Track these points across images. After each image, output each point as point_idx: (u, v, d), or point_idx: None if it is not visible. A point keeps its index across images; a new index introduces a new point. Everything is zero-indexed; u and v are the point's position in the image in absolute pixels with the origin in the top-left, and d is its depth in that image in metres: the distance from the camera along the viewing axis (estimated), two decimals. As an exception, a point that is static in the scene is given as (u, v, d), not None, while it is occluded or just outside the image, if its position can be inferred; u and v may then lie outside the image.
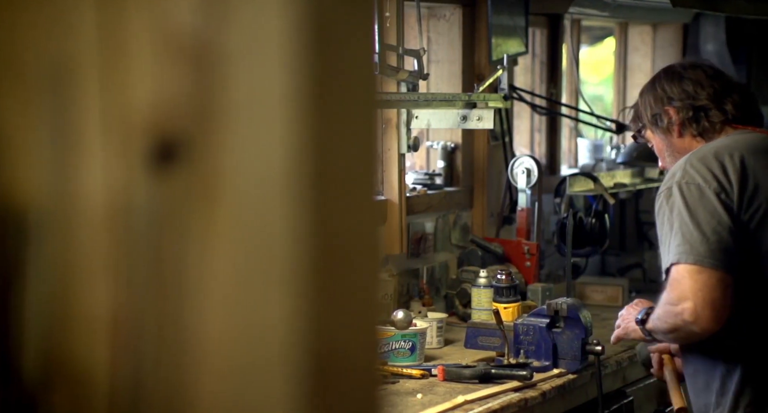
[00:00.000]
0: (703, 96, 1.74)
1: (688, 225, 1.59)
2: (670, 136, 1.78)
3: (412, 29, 2.42)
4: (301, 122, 0.44)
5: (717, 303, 1.54)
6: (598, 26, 3.71)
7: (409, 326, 2.03)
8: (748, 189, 1.62)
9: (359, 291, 0.49)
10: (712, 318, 1.55)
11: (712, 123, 1.74)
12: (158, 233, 0.45)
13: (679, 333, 1.62)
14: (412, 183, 2.65)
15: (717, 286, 1.55)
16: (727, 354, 1.65)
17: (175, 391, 0.45)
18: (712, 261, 1.56)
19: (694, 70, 1.78)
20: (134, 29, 0.45)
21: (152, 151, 0.45)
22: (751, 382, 1.63)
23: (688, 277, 1.57)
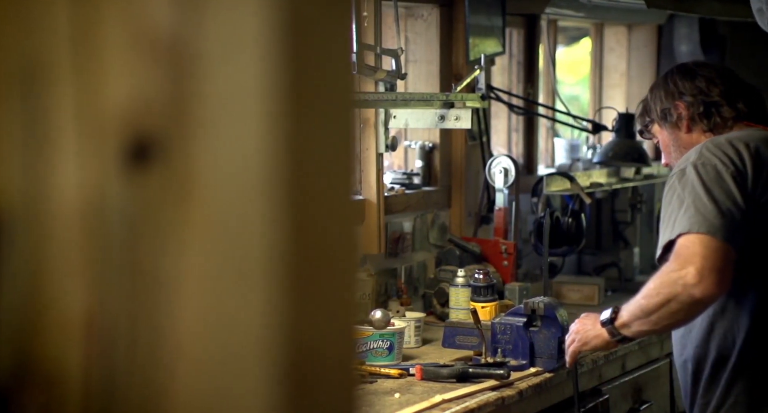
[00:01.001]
0: (715, 93, 1.76)
1: (702, 199, 1.59)
2: (678, 131, 1.79)
3: (389, 29, 2.42)
4: (278, 121, 0.44)
5: (723, 272, 1.53)
6: (574, 27, 3.73)
7: (387, 325, 2.03)
8: (763, 174, 1.63)
9: (337, 291, 0.49)
10: (716, 283, 1.52)
11: (723, 118, 1.76)
12: (133, 233, 0.45)
13: (672, 304, 1.56)
14: (390, 182, 2.65)
15: (725, 258, 1.54)
16: (720, 341, 1.66)
17: (150, 392, 0.45)
18: (724, 234, 1.55)
19: (707, 68, 1.82)
20: (108, 27, 0.45)
21: (127, 150, 0.45)
22: (744, 370, 1.64)
23: (699, 244, 1.55)
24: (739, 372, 1.64)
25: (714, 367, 1.67)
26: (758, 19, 2.27)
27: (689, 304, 1.56)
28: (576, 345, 1.80)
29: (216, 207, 0.44)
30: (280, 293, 0.45)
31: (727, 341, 1.65)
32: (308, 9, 0.46)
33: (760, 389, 1.63)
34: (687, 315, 1.60)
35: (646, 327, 1.66)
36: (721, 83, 1.78)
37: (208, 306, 0.45)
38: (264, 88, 0.44)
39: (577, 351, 1.81)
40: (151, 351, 0.45)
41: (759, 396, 1.63)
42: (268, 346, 0.44)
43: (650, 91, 1.86)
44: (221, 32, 0.44)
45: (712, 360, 1.67)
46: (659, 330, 1.72)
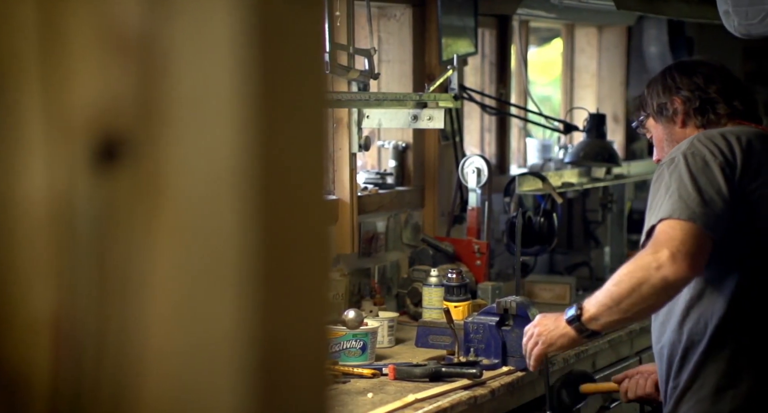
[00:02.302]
0: (713, 89, 1.79)
1: (687, 187, 1.61)
2: (673, 125, 1.81)
3: (362, 29, 2.42)
4: (249, 120, 0.44)
5: (696, 258, 1.55)
6: (545, 28, 3.76)
7: (360, 325, 2.03)
8: (753, 165, 1.65)
9: (309, 291, 0.49)
10: (688, 267, 1.54)
11: (718, 115, 1.78)
12: (101, 234, 0.44)
13: (644, 288, 1.57)
14: (364, 182, 2.65)
15: (702, 244, 1.56)
16: (693, 326, 1.68)
17: (119, 394, 0.44)
18: (705, 221, 1.57)
19: (705, 66, 1.84)
20: (76, 25, 0.44)
21: (95, 150, 0.44)
22: (713, 355, 1.66)
23: (677, 229, 1.57)
24: (709, 356, 1.66)
25: (685, 351, 1.69)
26: (724, 21, 2.31)
27: (661, 288, 1.56)
28: (540, 348, 1.78)
29: (186, 208, 0.44)
30: (251, 293, 0.44)
31: (699, 325, 1.67)
32: (280, 8, 0.46)
33: (727, 373, 1.65)
34: (658, 299, 1.59)
35: (615, 316, 1.65)
36: (719, 81, 1.80)
37: (177, 306, 0.44)
38: (234, 88, 0.44)
39: (542, 355, 1.79)
40: (119, 352, 0.44)
41: (725, 379, 1.65)
42: (239, 346, 0.44)
43: (647, 86, 1.88)
44: (191, 31, 0.44)
45: (684, 344, 1.69)
46: (629, 319, 1.68)
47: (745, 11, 2.24)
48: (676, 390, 1.71)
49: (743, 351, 1.65)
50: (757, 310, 1.65)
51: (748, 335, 1.65)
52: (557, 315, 1.76)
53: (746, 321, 1.65)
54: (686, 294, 1.69)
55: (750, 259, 1.65)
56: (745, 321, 1.65)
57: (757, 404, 1.64)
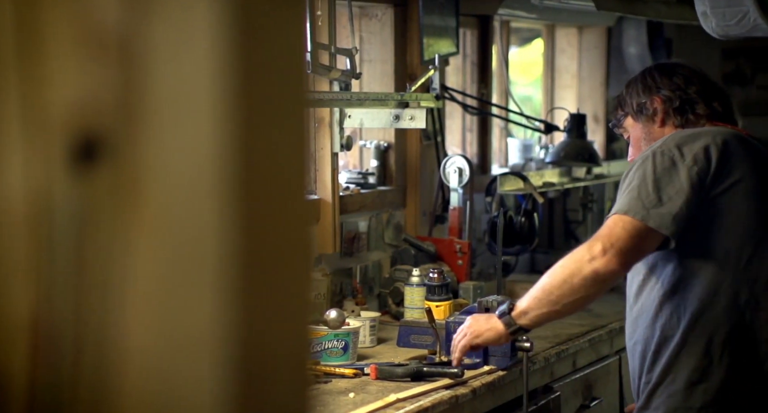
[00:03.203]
0: (693, 90, 1.81)
1: (647, 185, 1.63)
2: (652, 124, 1.83)
3: (344, 28, 2.42)
4: (229, 120, 0.44)
5: (631, 255, 1.58)
6: (526, 28, 3.78)
7: (342, 325, 2.03)
8: (725, 166, 1.66)
9: (290, 291, 0.49)
10: (619, 262, 1.56)
11: (697, 116, 1.80)
12: (80, 234, 0.44)
13: (575, 280, 1.59)
14: (345, 182, 2.64)
15: (643, 243, 1.59)
16: (665, 322, 1.69)
17: (98, 394, 0.44)
18: (657, 221, 1.60)
19: (685, 68, 1.87)
20: (53, 24, 0.44)
21: (74, 150, 0.44)
22: (685, 350, 1.67)
23: (621, 226, 1.59)
24: (681, 351, 1.68)
25: (658, 346, 1.70)
26: (702, 22, 2.33)
27: (591, 280, 1.58)
28: (467, 339, 1.78)
29: (166, 207, 0.44)
30: (232, 293, 0.44)
31: (672, 321, 1.69)
32: (260, 7, 0.45)
33: (698, 368, 1.66)
34: (588, 291, 1.60)
35: (545, 308, 1.66)
36: (698, 82, 1.83)
37: (157, 306, 0.44)
38: (214, 87, 0.44)
39: (467, 346, 1.79)
40: (98, 352, 0.44)
41: (697, 374, 1.66)
42: (219, 346, 0.44)
43: (626, 86, 1.90)
44: (170, 30, 0.43)
45: (657, 339, 1.70)
46: (560, 312, 1.67)
47: (723, 12, 2.26)
48: (648, 385, 1.72)
49: (715, 346, 1.66)
50: (728, 305, 1.66)
51: (720, 330, 1.66)
52: (492, 314, 1.77)
53: (718, 316, 1.66)
54: (659, 290, 1.70)
55: (721, 256, 1.67)
56: (716, 316, 1.66)
57: (728, 398, 1.65)
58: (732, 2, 2.24)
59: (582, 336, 2.32)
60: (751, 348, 1.65)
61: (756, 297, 1.65)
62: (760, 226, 1.67)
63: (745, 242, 1.66)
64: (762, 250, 1.66)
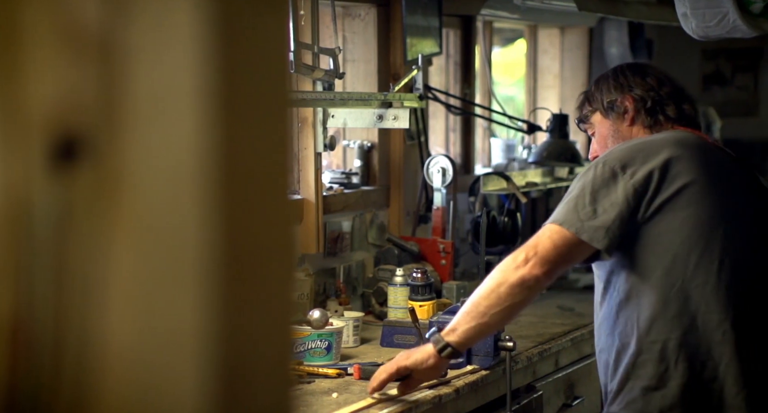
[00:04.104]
0: (664, 91, 1.82)
1: (585, 196, 1.64)
2: (621, 123, 1.83)
3: (327, 28, 2.42)
4: (211, 119, 0.43)
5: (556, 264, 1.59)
6: (509, 28, 3.79)
7: (325, 325, 2.02)
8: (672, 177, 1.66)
9: (273, 291, 0.49)
10: (543, 271, 1.58)
11: (666, 117, 1.81)
12: (60, 234, 0.44)
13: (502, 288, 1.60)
14: (329, 182, 2.64)
15: (570, 254, 1.61)
16: (622, 329, 1.70)
17: (79, 395, 0.43)
18: (591, 234, 1.61)
19: (656, 70, 1.88)
20: (33, 22, 0.43)
21: (53, 149, 0.43)
22: (642, 358, 1.67)
23: (549, 236, 1.61)
24: (637, 359, 1.68)
25: (617, 354, 1.71)
26: (683, 23, 2.35)
27: (517, 287, 1.59)
28: (395, 360, 1.71)
29: (147, 207, 0.44)
30: (214, 293, 0.44)
31: (627, 328, 1.69)
32: (243, 7, 0.45)
33: (655, 374, 1.67)
34: (514, 300, 1.60)
35: (474, 321, 1.64)
36: (669, 85, 1.83)
37: (139, 306, 0.44)
38: (196, 86, 0.43)
39: (393, 366, 1.69)
40: (80, 352, 0.44)
41: (654, 380, 1.67)
42: (201, 347, 0.43)
43: (596, 82, 1.89)
44: (152, 29, 0.43)
45: (617, 347, 1.71)
46: (488, 324, 1.65)
47: (703, 13, 2.28)
48: (611, 394, 1.73)
49: (670, 352, 1.66)
50: (680, 310, 1.66)
51: (673, 335, 1.66)
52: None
53: (670, 322, 1.66)
54: (616, 298, 1.71)
55: (669, 261, 1.66)
56: (669, 322, 1.66)
57: (686, 402, 1.66)
58: (711, 3, 2.26)
59: (564, 335, 2.33)
60: (705, 351, 1.65)
61: (706, 301, 1.65)
62: (708, 231, 1.66)
63: (692, 246, 1.65)
64: (709, 254, 1.65)
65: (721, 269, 1.66)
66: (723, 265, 1.66)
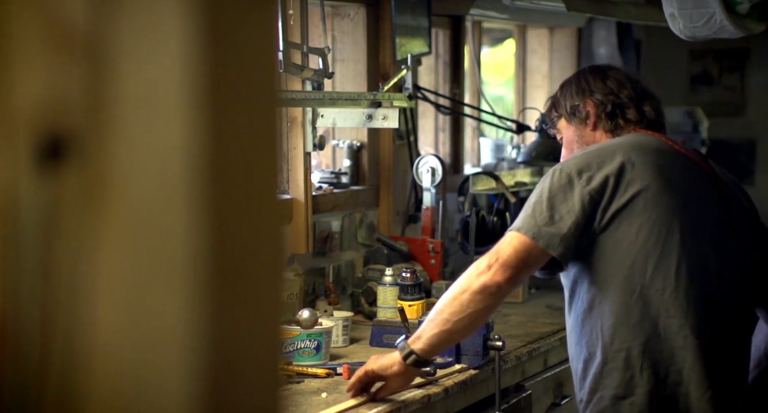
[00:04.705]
0: (624, 94, 1.81)
1: (542, 203, 1.64)
2: (585, 127, 1.83)
3: (316, 28, 2.42)
4: (199, 119, 0.43)
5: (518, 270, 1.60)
6: (498, 28, 3.80)
7: (314, 325, 2.02)
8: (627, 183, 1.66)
9: (262, 291, 0.49)
10: (504, 277, 1.58)
11: (627, 120, 1.80)
12: (47, 233, 0.43)
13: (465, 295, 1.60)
14: (318, 181, 2.64)
15: (530, 260, 1.61)
16: (588, 339, 1.70)
17: (66, 394, 0.43)
18: (546, 240, 1.61)
19: (617, 71, 1.86)
20: (20, 21, 0.43)
21: (40, 149, 0.43)
22: (609, 367, 1.67)
23: (509, 242, 1.61)
24: (603, 369, 1.68)
25: (585, 364, 1.71)
26: (670, 23, 2.36)
27: (478, 293, 1.59)
28: (366, 364, 1.72)
29: (135, 207, 0.43)
30: (202, 292, 0.44)
31: (592, 338, 1.69)
32: (231, 6, 0.45)
33: (621, 383, 1.66)
34: (477, 306, 1.60)
35: (438, 328, 1.63)
36: (631, 87, 1.82)
37: (126, 305, 0.44)
38: (184, 86, 0.43)
39: (362, 370, 1.70)
40: (66, 353, 0.44)
41: (621, 389, 1.67)
42: (189, 346, 0.43)
43: (561, 87, 1.90)
44: (139, 29, 0.43)
45: (584, 357, 1.71)
46: (451, 331, 1.64)
47: (690, 14, 2.29)
48: (581, 404, 1.74)
49: (634, 359, 1.66)
50: (641, 317, 1.66)
51: (636, 342, 1.66)
52: None
53: (632, 329, 1.66)
54: (581, 307, 1.71)
55: (627, 269, 1.66)
56: (631, 329, 1.66)
57: (653, 410, 1.65)
58: (699, 4, 2.28)
59: (553, 334, 2.34)
60: (669, 356, 1.65)
61: (666, 306, 1.65)
62: (664, 236, 1.66)
63: (649, 252, 1.65)
64: (666, 259, 1.65)
65: (679, 274, 1.65)
66: (680, 270, 1.65)
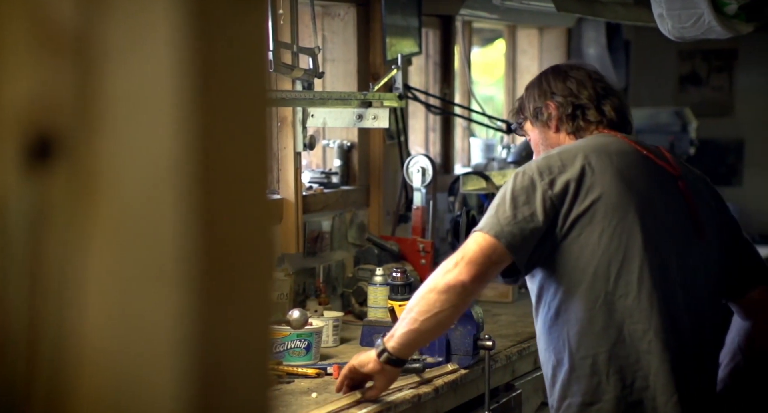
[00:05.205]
0: (584, 95, 1.80)
1: (505, 204, 1.64)
2: (548, 130, 1.82)
3: (306, 27, 2.41)
4: (188, 118, 0.43)
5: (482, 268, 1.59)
6: (488, 28, 3.81)
7: (304, 325, 2.02)
8: (588, 187, 1.66)
9: (252, 291, 0.49)
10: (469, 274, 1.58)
11: (587, 122, 1.79)
12: (35, 233, 0.43)
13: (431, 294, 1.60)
14: (309, 181, 2.64)
15: (493, 259, 1.61)
16: (555, 345, 1.70)
17: (54, 396, 0.43)
18: (509, 239, 1.61)
19: (579, 71, 1.84)
20: (7, 20, 0.43)
21: (28, 148, 0.43)
22: (576, 373, 1.67)
23: (478, 241, 1.61)
24: (571, 376, 1.68)
25: (554, 370, 1.71)
26: (659, 24, 2.37)
27: (443, 292, 1.59)
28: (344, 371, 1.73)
29: (123, 207, 0.43)
30: (192, 293, 0.44)
31: (559, 345, 1.69)
32: (221, 5, 0.45)
33: (588, 390, 1.67)
34: (443, 306, 1.60)
35: (407, 327, 1.63)
36: (591, 87, 1.80)
37: (115, 307, 0.44)
38: (174, 86, 0.43)
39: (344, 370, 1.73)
40: (54, 354, 0.43)
41: (588, 396, 1.67)
42: (179, 346, 0.43)
43: (525, 89, 1.89)
44: (128, 27, 0.43)
45: (552, 363, 1.71)
46: (420, 331, 1.64)
47: (678, 14, 2.30)
48: (552, 410, 1.74)
49: (600, 365, 1.66)
50: (606, 323, 1.66)
51: (602, 348, 1.66)
52: None
53: (598, 335, 1.66)
54: (547, 314, 1.70)
55: (591, 275, 1.66)
56: (596, 335, 1.66)
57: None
58: (687, 4, 2.29)
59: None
60: (634, 361, 1.65)
61: (630, 312, 1.64)
62: (626, 240, 1.65)
63: (611, 258, 1.65)
64: (628, 264, 1.65)
65: (641, 279, 1.65)
66: (643, 275, 1.65)
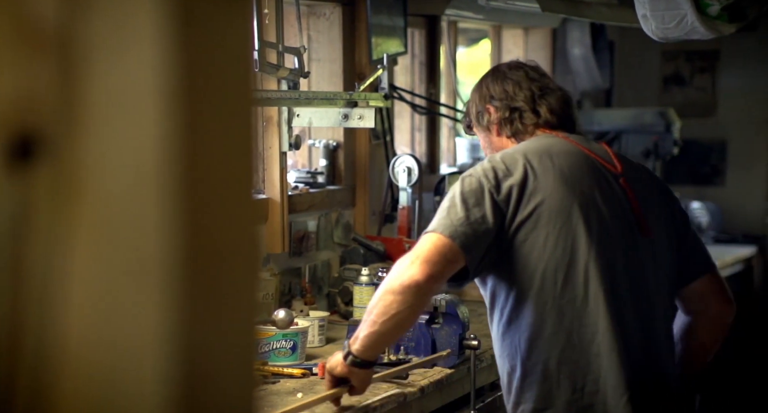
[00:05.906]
0: (521, 97, 1.78)
1: (456, 206, 1.63)
2: (490, 134, 1.81)
3: (292, 27, 2.41)
4: (172, 118, 0.43)
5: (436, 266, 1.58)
6: (473, 28, 3.82)
7: (290, 325, 2.02)
8: (530, 190, 1.66)
9: (237, 292, 0.49)
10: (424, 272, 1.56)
11: (524, 125, 1.78)
12: (17, 234, 0.43)
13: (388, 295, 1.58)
14: (294, 181, 2.63)
15: (447, 258, 1.59)
16: (509, 352, 1.70)
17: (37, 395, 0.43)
18: (462, 240, 1.60)
19: (517, 72, 1.81)
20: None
21: (10, 147, 0.43)
22: (529, 380, 1.67)
23: (431, 241, 1.60)
24: (524, 382, 1.68)
25: (508, 376, 1.71)
26: (643, 24, 2.39)
27: (399, 293, 1.58)
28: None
29: (107, 206, 0.43)
30: (176, 293, 0.44)
31: (512, 351, 1.69)
32: (205, 4, 0.45)
33: (540, 396, 1.67)
34: (399, 307, 1.58)
35: (367, 329, 1.62)
36: (528, 88, 1.78)
37: (98, 306, 0.43)
38: (158, 85, 0.43)
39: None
40: (37, 355, 0.43)
41: (540, 402, 1.67)
42: (163, 347, 0.43)
43: (471, 92, 1.87)
44: (111, 27, 0.43)
45: (507, 370, 1.71)
46: (380, 333, 1.62)
47: (662, 15, 2.32)
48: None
49: (551, 370, 1.66)
50: (555, 328, 1.66)
51: (552, 353, 1.66)
52: None
53: (548, 340, 1.66)
54: (500, 321, 1.70)
55: (539, 280, 1.65)
56: (547, 341, 1.66)
57: None
58: (670, 5, 2.30)
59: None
60: (584, 365, 1.65)
61: (578, 316, 1.64)
62: (571, 244, 1.65)
63: (558, 263, 1.64)
64: (574, 268, 1.65)
65: (587, 282, 1.64)
66: (588, 278, 1.64)
